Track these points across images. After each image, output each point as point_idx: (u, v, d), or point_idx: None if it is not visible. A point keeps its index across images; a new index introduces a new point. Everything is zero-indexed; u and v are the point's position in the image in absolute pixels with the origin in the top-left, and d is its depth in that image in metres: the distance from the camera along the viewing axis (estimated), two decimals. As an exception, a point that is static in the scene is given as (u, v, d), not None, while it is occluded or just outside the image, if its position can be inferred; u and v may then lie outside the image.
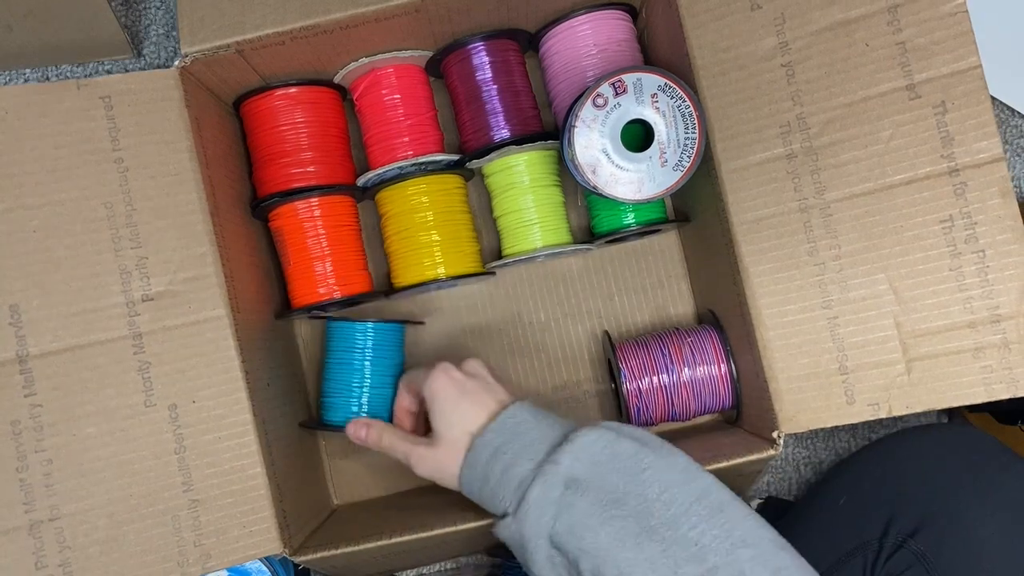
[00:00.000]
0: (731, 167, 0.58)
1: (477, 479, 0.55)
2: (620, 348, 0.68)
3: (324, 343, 0.70)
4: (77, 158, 0.57)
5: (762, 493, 0.81)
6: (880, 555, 0.58)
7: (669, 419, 0.68)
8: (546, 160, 0.70)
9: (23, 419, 0.55)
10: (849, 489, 0.66)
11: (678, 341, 0.66)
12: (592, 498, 0.49)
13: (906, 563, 0.57)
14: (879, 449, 0.68)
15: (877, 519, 0.60)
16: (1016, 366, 0.54)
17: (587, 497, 0.49)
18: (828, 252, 0.57)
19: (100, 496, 0.55)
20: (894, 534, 0.58)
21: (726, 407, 0.67)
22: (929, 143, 0.55)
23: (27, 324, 0.56)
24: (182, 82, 0.59)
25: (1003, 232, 0.54)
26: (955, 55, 0.55)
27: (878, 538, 0.59)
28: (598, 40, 0.67)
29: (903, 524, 0.58)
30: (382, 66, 0.69)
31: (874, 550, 0.59)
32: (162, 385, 0.56)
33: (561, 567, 0.50)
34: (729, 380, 0.65)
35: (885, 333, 0.56)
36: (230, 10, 0.60)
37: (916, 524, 0.57)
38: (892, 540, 0.58)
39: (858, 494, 0.64)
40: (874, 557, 0.59)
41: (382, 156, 0.69)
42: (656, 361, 0.66)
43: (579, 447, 0.51)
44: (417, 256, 0.68)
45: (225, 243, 0.60)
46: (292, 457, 0.65)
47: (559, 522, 0.49)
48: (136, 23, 0.84)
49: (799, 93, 0.57)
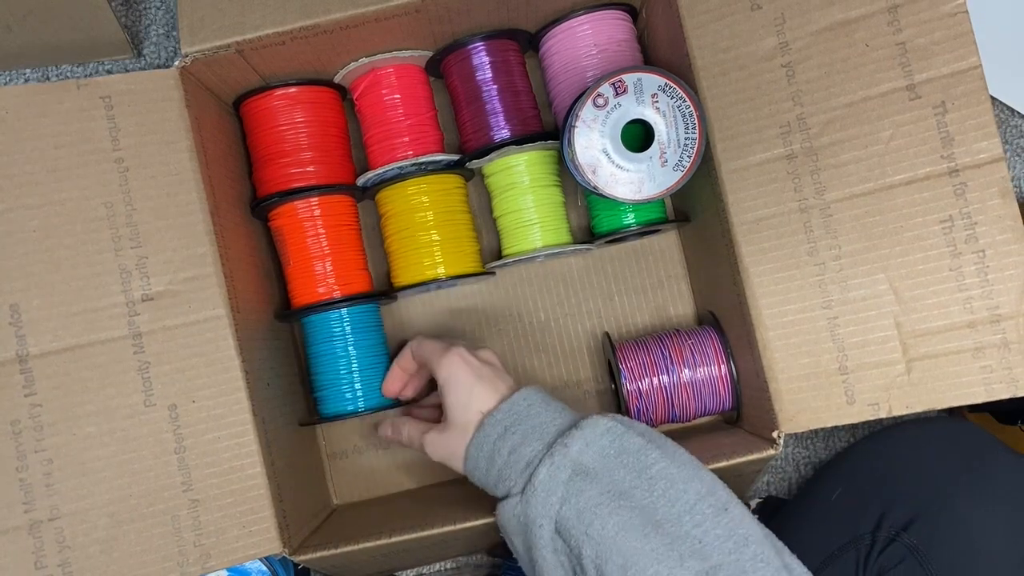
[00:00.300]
0: (731, 167, 0.58)
1: (484, 458, 0.55)
2: (620, 349, 0.68)
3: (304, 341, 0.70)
4: (77, 158, 0.57)
5: (762, 493, 0.81)
6: (873, 548, 0.59)
7: (669, 420, 0.68)
8: (546, 160, 0.70)
9: (23, 419, 0.55)
10: (842, 483, 0.66)
11: (678, 342, 0.66)
12: (600, 487, 0.49)
13: (899, 556, 0.57)
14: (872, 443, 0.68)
15: (870, 513, 0.60)
16: (1016, 366, 0.54)
17: (595, 486, 0.49)
18: (828, 252, 0.57)
19: (100, 496, 0.55)
20: (887, 527, 0.58)
21: (726, 408, 0.67)
22: (929, 143, 0.55)
23: (27, 324, 0.56)
24: (182, 82, 0.59)
25: (1003, 232, 0.55)
26: (955, 55, 0.55)
27: (871, 531, 0.59)
28: (598, 40, 0.67)
29: (896, 517, 0.58)
30: (382, 66, 0.69)
31: (867, 544, 0.59)
32: (162, 385, 0.56)
33: (562, 553, 0.50)
34: (729, 381, 0.65)
35: (885, 333, 0.56)
36: (230, 10, 0.60)
37: (909, 517, 0.57)
38: (885, 533, 0.58)
39: (851, 488, 0.64)
40: (867, 551, 0.59)
41: (382, 156, 0.69)
42: (656, 362, 0.66)
43: (589, 435, 0.51)
44: (417, 256, 0.68)
45: (225, 243, 0.60)
46: (292, 457, 0.65)
47: (566, 506, 0.49)
48: (136, 23, 0.84)
49: (799, 93, 0.57)
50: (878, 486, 0.62)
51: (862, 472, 0.65)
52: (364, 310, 0.68)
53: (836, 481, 0.67)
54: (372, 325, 0.69)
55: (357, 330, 0.68)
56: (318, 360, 0.68)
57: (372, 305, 0.69)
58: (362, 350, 0.68)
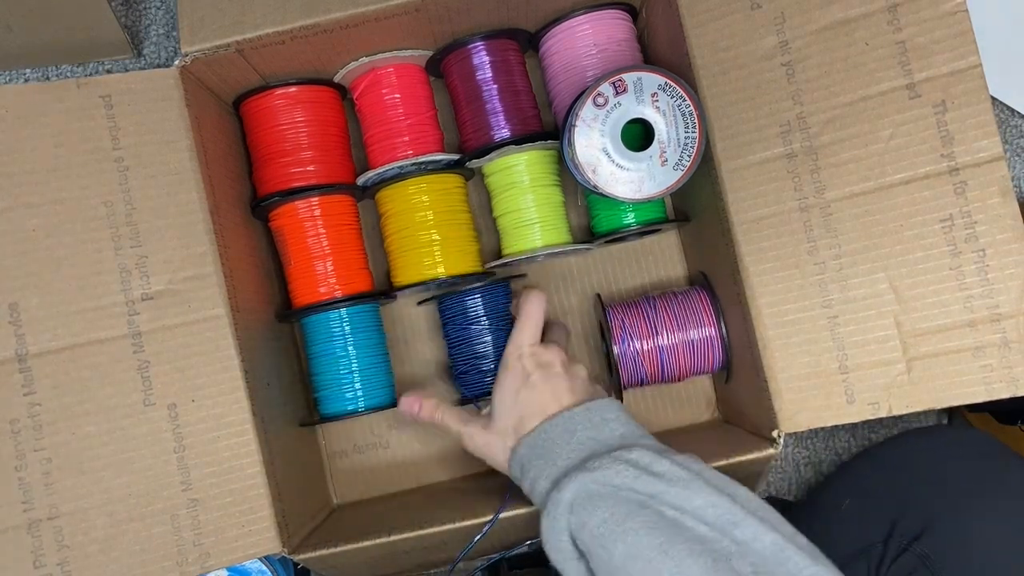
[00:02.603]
0: (731, 166, 0.58)
1: (516, 476, 0.57)
2: (611, 310, 0.67)
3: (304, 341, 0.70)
4: (77, 157, 0.57)
5: (762, 493, 0.81)
6: (884, 558, 0.58)
7: (661, 380, 0.67)
8: (546, 160, 0.70)
9: (22, 418, 0.55)
10: (852, 491, 0.65)
11: (670, 303, 0.66)
12: (603, 514, 0.49)
13: (911, 566, 0.56)
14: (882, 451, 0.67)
15: (881, 522, 0.59)
16: (1016, 365, 0.54)
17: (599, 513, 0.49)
18: (828, 251, 0.57)
19: (99, 495, 0.55)
20: (898, 537, 0.58)
21: (717, 367, 0.67)
22: (929, 142, 0.55)
23: (26, 323, 0.56)
24: (182, 81, 0.59)
25: (1003, 231, 0.54)
26: (955, 54, 0.55)
27: (882, 541, 0.59)
28: (598, 40, 0.67)
29: (907, 527, 0.57)
30: (382, 65, 0.69)
31: (878, 553, 0.59)
32: (161, 384, 0.56)
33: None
34: (720, 341, 0.65)
35: (885, 332, 0.56)
36: (230, 10, 0.60)
37: (920, 527, 0.57)
38: (896, 543, 0.58)
39: (861, 496, 0.64)
40: (878, 560, 0.58)
41: (382, 155, 0.69)
42: (648, 323, 0.66)
43: (582, 485, 0.50)
44: (417, 255, 0.68)
45: (225, 242, 0.60)
46: (292, 456, 0.65)
47: (576, 532, 0.49)
48: (136, 23, 0.84)
49: (799, 92, 0.57)
50: (889, 495, 0.61)
51: (872, 481, 0.64)
52: (364, 310, 0.68)
53: (845, 489, 0.66)
54: (372, 325, 0.69)
55: (357, 330, 0.68)
56: (318, 360, 0.68)
57: (372, 305, 0.69)
58: (362, 350, 0.68)
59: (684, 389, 0.75)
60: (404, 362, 0.75)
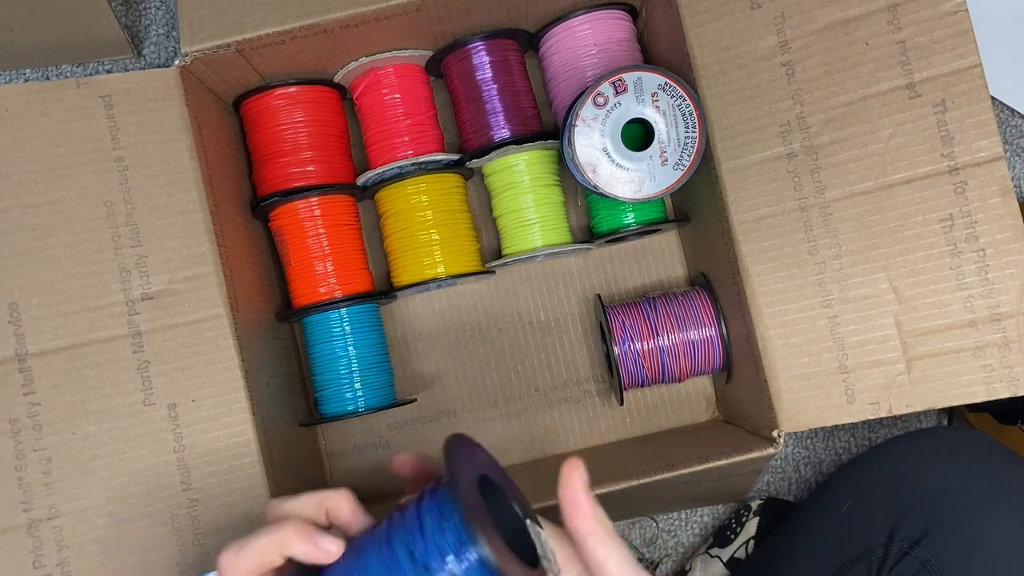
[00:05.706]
0: (731, 166, 0.58)
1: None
2: (612, 310, 0.67)
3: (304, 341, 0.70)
4: (77, 157, 0.57)
5: (762, 493, 0.81)
6: (885, 562, 0.58)
7: (661, 380, 0.67)
8: (546, 160, 0.70)
9: (22, 417, 0.55)
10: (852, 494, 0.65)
11: (670, 303, 0.66)
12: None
13: (912, 570, 0.56)
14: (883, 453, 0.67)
15: (882, 525, 0.59)
16: (1016, 365, 0.54)
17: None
18: (828, 251, 0.57)
19: (99, 495, 0.55)
20: (899, 541, 0.57)
21: (718, 368, 0.67)
22: (929, 142, 0.55)
23: (26, 322, 0.56)
24: (182, 81, 0.59)
25: (1003, 231, 0.54)
26: (955, 54, 0.55)
27: (883, 544, 0.58)
28: (598, 40, 0.67)
29: (908, 531, 0.57)
30: (382, 65, 0.69)
31: (879, 557, 0.58)
32: (161, 384, 0.56)
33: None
34: (719, 341, 0.65)
35: (885, 332, 0.56)
36: (230, 10, 0.60)
37: (921, 531, 0.56)
38: (897, 547, 0.57)
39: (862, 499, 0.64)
40: (879, 564, 0.58)
41: (382, 155, 0.69)
42: (649, 324, 0.65)
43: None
44: (417, 255, 0.68)
45: (225, 242, 0.60)
46: (291, 456, 0.65)
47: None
48: (136, 23, 0.84)
49: (799, 92, 0.57)
50: (890, 498, 0.61)
51: (873, 484, 0.64)
52: (364, 310, 0.68)
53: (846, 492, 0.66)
54: (372, 325, 0.69)
55: (357, 330, 0.68)
56: (318, 360, 0.68)
57: (372, 305, 0.69)
58: (362, 350, 0.68)
59: (684, 389, 0.75)
60: (404, 362, 0.75)
